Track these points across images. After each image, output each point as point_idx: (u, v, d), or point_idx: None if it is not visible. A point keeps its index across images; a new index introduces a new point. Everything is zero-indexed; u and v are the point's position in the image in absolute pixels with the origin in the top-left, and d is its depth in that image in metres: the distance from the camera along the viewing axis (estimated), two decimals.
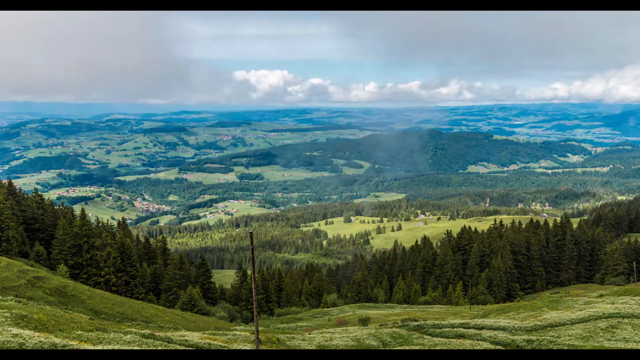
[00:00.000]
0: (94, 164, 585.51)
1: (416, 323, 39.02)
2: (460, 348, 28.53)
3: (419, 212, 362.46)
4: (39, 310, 27.78)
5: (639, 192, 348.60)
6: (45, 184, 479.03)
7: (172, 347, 22.80)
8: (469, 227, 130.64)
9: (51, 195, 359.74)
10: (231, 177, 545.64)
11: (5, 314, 22.84)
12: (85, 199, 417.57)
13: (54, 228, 71.74)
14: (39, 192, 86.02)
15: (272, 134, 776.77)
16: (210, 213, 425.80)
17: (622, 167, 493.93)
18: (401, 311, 70.77)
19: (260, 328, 38.45)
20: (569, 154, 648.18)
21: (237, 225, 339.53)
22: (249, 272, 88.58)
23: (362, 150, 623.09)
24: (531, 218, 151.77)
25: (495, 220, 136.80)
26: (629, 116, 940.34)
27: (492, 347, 29.31)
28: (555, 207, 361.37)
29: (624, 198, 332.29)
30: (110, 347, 19.48)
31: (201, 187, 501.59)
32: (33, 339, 17.56)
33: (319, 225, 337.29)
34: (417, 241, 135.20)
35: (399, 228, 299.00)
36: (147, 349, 21.24)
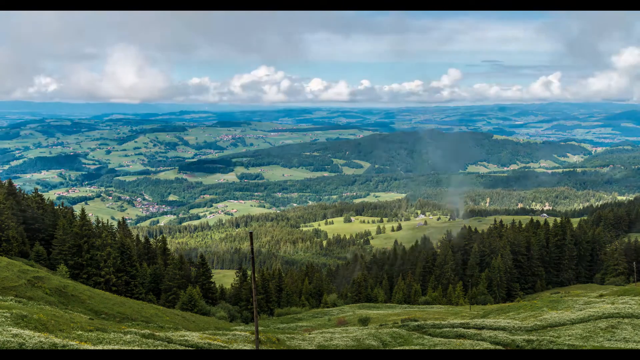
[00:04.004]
0: (94, 164, 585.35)
1: (416, 323, 39.02)
2: (460, 348, 28.53)
3: (419, 212, 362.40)
4: (39, 310, 27.78)
5: (639, 192, 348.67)
6: (45, 184, 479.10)
7: (172, 347, 22.80)
8: (469, 227, 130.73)
9: (51, 195, 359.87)
10: (231, 177, 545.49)
11: (5, 314, 22.83)
12: (85, 199, 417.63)
13: (54, 228, 71.70)
14: (39, 192, 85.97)
15: (272, 134, 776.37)
16: (210, 213, 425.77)
17: (622, 167, 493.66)
18: (401, 311, 70.72)
19: (260, 328, 38.44)
20: (569, 154, 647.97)
21: (237, 225, 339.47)
22: (249, 272, 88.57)
23: (362, 150, 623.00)
24: (531, 218, 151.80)
25: (495, 220, 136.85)
26: (629, 116, 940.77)
27: (492, 347, 29.32)
28: (555, 207, 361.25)
29: (624, 198, 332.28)
30: (110, 347, 19.47)
31: (201, 187, 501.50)
32: (33, 339, 17.56)
33: (319, 225, 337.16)
34: (417, 241, 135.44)
35: (399, 228, 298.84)
36: (147, 349, 21.24)
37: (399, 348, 30.33)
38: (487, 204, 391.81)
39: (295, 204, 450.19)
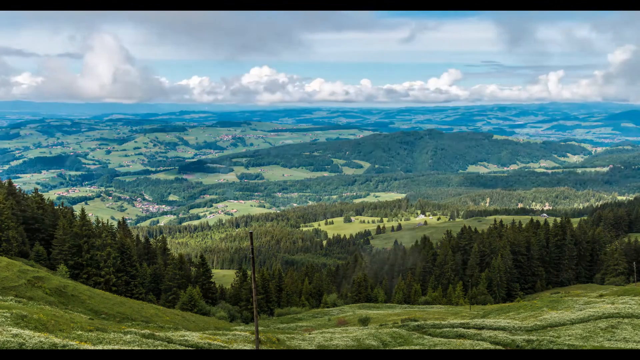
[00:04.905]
0: (94, 164, 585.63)
1: (416, 323, 39.01)
2: (460, 348, 28.54)
3: (419, 212, 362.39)
4: (39, 310, 27.78)
5: (639, 192, 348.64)
6: (45, 184, 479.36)
7: (172, 347, 22.80)
8: (469, 227, 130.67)
9: (51, 195, 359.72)
10: (231, 177, 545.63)
11: (5, 314, 22.84)
12: (85, 199, 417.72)
13: (54, 228, 71.71)
14: (39, 192, 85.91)
15: (272, 134, 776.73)
16: (210, 213, 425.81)
17: (622, 167, 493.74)
18: (401, 311, 70.72)
19: (260, 328, 38.43)
20: (569, 154, 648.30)
21: (237, 225, 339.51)
22: (249, 272, 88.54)
23: (362, 150, 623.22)
24: (531, 218, 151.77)
25: (495, 220, 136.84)
26: (629, 116, 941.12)
27: (492, 347, 29.32)
28: (555, 207, 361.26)
29: (624, 198, 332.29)
30: (110, 347, 19.47)
31: (201, 187, 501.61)
32: (33, 339, 17.55)
33: (319, 225, 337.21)
34: (417, 241, 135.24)
35: (399, 228, 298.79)
36: (147, 349, 21.24)
37: (399, 348, 30.34)
38: (487, 204, 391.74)
39: (295, 204, 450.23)
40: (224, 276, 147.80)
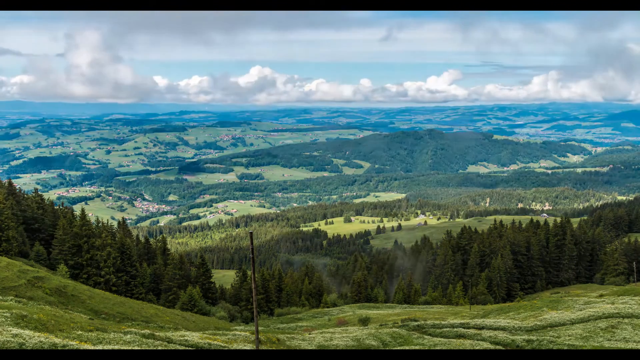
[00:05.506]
0: (94, 164, 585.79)
1: (416, 323, 39.01)
2: (460, 348, 28.54)
3: (419, 212, 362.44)
4: (39, 310, 27.77)
5: (639, 192, 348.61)
6: (45, 184, 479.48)
7: (172, 347, 22.79)
8: (469, 227, 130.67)
9: (51, 195, 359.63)
10: (231, 177, 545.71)
11: (5, 314, 22.84)
12: (85, 199, 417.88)
13: (54, 228, 71.68)
14: (39, 192, 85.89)
15: (272, 134, 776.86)
16: (210, 213, 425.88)
17: (622, 167, 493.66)
18: (401, 311, 70.72)
19: (260, 328, 38.42)
20: (569, 154, 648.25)
21: (237, 225, 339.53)
22: (249, 272, 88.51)
23: (362, 150, 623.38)
24: (531, 218, 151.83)
25: (495, 220, 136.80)
26: (629, 116, 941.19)
27: (492, 347, 29.32)
28: (555, 207, 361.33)
29: (624, 198, 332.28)
30: (110, 347, 19.46)
31: (201, 187, 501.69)
32: (33, 339, 17.55)
33: (319, 225, 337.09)
34: (417, 241, 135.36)
35: (399, 228, 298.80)
36: (147, 349, 21.24)
37: (399, 348, 30.34)
38: (487, 204, 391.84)
39: (295, 204, 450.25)
40: (224, 276, 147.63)
